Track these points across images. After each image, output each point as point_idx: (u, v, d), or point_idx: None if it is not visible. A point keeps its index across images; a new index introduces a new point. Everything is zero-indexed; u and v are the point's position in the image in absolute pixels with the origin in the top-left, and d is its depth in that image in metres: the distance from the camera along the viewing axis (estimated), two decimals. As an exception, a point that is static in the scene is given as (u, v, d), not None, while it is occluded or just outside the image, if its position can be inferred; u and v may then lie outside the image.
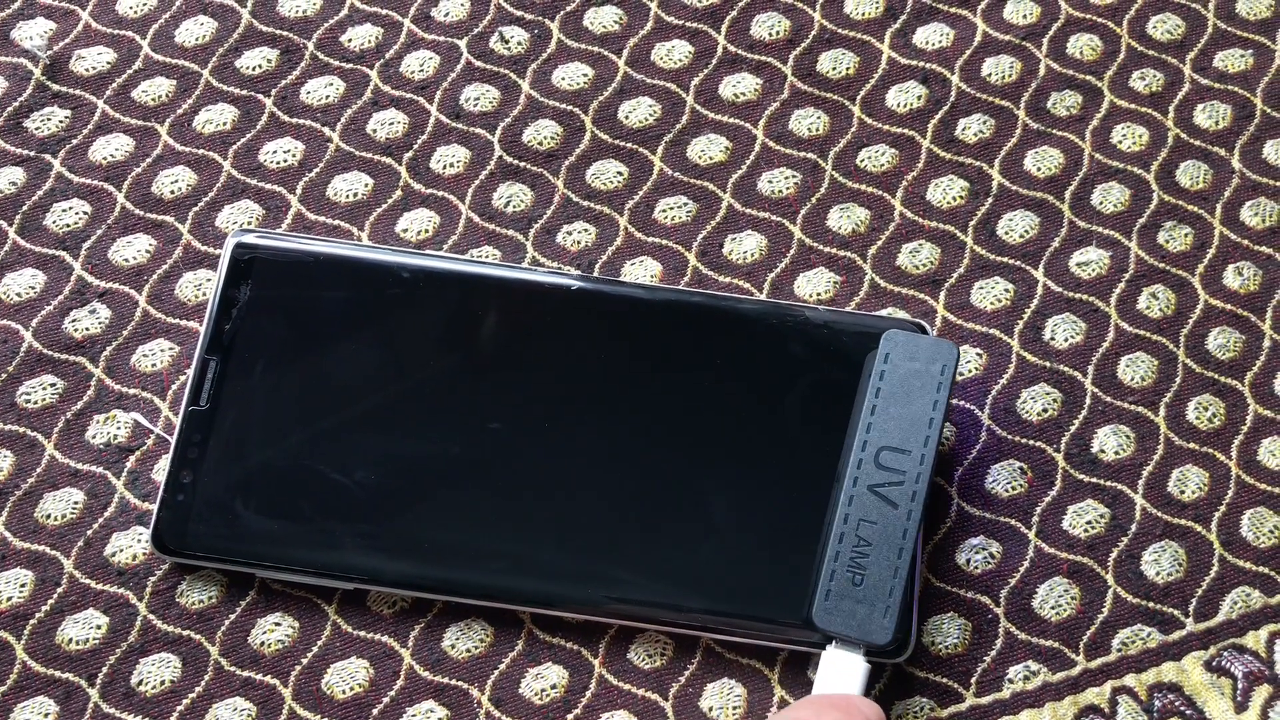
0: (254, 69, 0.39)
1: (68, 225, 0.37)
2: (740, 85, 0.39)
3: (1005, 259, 0.37)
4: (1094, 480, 0.35)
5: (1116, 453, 0.35)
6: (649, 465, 0.34)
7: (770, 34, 0.40)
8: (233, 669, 0.33)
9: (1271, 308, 0.37)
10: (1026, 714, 0.33)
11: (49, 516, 0.34)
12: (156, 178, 0.38)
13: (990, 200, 0.38)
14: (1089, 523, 0.35)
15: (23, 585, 0.34)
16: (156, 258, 0.37)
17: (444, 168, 0.38)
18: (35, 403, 0.35)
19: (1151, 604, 0.34)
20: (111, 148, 0.38)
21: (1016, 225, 0.38)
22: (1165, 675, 0.33)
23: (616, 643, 0.33)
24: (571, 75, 0.39)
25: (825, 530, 0.32)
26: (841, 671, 0.31)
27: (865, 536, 0.31)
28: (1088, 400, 0.36)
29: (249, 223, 0.37)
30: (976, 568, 0.34)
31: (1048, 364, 0.36)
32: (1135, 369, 0.36)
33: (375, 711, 0.33)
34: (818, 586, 0.31)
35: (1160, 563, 0.34)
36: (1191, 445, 0.36)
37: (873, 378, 0.33)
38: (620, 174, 0.38)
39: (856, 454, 0.32)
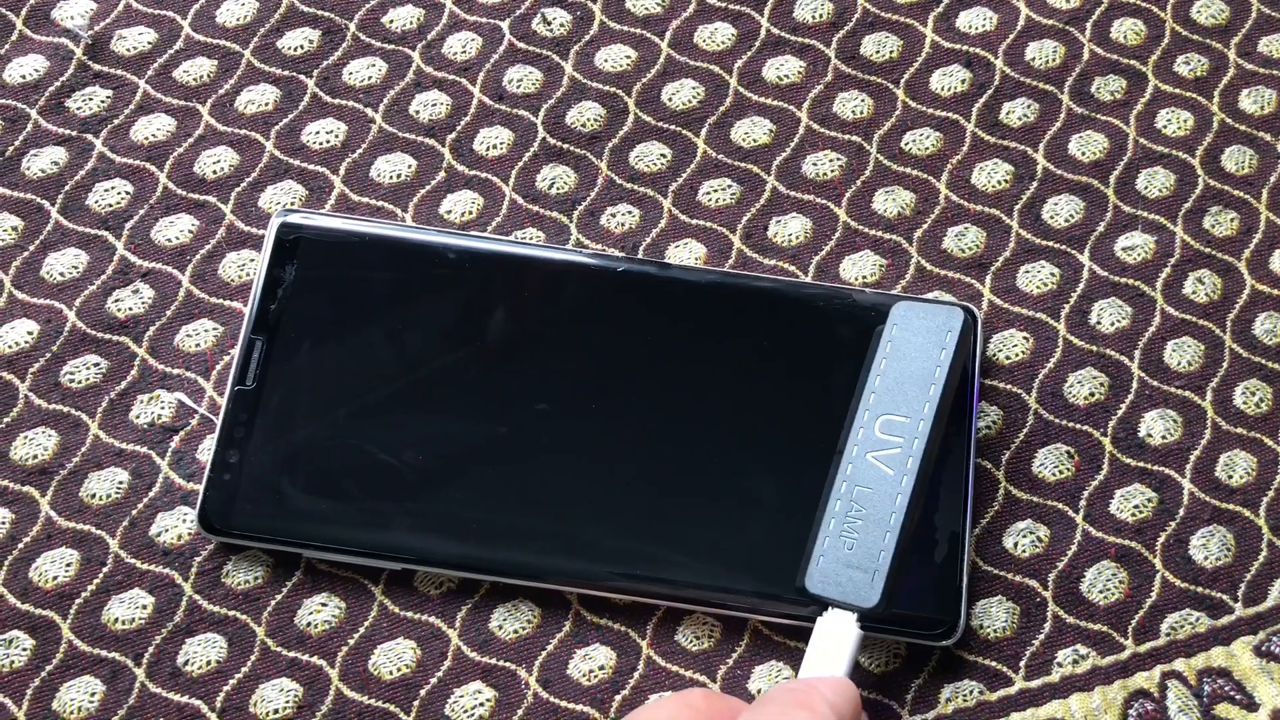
0: (296, 49, 0.39)
1: (110, 205, 0.37)
2: (784, 68, 0.39)
3: (1051, 243, 0.37)
4: (1141, 464, 0.35)
5: (1164, 437, 0.35)
6: (696, 447, 0.33)
7: (814, 17, 0.39)
8: (279, 649, 0.33)
9: (1318, 293, 0.37)
10: (1076, 698, 0.33)
11: (94, 496, 0.34)
12: (199, 158, 0.38)
13: (1035, 184, 0.38)
14: (1136, 507, 0.35)
15: (68, 565, 0.33)
16: (199, 238, 0.37)
17: (487, 149, 0.38)
18: (79, 382, 0.35)
19: (1200, 589, 0.34)
20: (153, 128, 0.38)
21: (1062, 209, 0.37)
22: (1214, 660, 0.33)
23: (664, 624, 0.33)
24: (614, 57, 0.39)
25: (825, 499, 0.31)
26: (834, 638, 0.30)
27: (860, 502, 0.31)
28: (1134, 385, 0.36)
29: (292, 203, 0.37)
30: (1024, 551, 0.34)
31: (1094, 348, 0.36)
32: (1182, 354, 0.36)
33: (422, 692, 0.33)
34: (812, 554, 0.31)
35: (1209, 547, 0.34)
36: (1239, 430, 0.35)
37: (880, 347, 0.32)
38: (664, 156, 0.38)
39: (859, 422, 0.32)
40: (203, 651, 0.33)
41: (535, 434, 0.34)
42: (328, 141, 0.38)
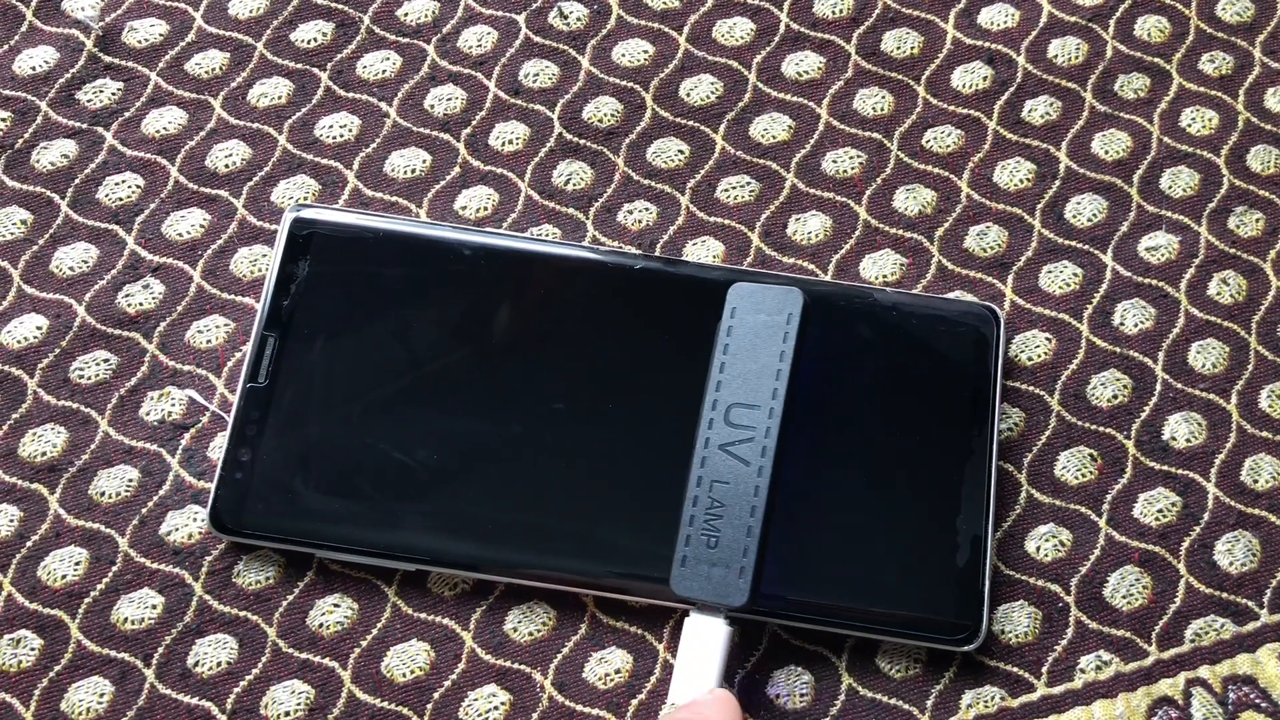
0: (309, 42, 0.38)
1: (120, 199, 0.37)
2: (803, 64, 0.38)
3: (1073, 243, 0.37)
4: (1165, 468, 0.34)
5: (1188, 440, 0.35)
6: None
7: (834, 12, 0.39)
8: (290, 651, 0.32)
9: (1345, 295, 0.36)
10: (1099, 704, 0.32)
11: (103, 494, 0.34)
12: (210, 152, 0.37)
13: (1058, 183, 0.37)
14: (1160, 511, 0.34)
15: (77, 564, 0.33)
16: (211, 232, 0.36)
17: (503, 144, 0.37)
18: (89, 378, 0.35)
19: (1225, 594, 0.33)
20: (164, 121, 0.37)
21: (1085, 209, 0.37)
22: (1240, 667, 0.33)
23: (681, 627, 0.33)
24: (632, 52, 0.38)
25: (683, 496, 0.31)
26: (703, 638, 0.30)
27: (718, 497, 0.30)
28: (1158, 387, 0.35)
29: (305, 198, 0.37)
30: (1046, 555, 0.34)
31: (1117, 350, 0.36)
32: (1206, 356, 0.36)
33: (436, 695, 0.32)
34: (674, 554, 0.30)
35: (1234, 553, 0.34)
36: (1265, 433, 0.35)
37: (720, 334, 0.32)
38: (682, 152, 0.37)
39: (707, 413, 0.31)
40: (213, 652, 0.32)
41: (551, 433, 0.33)
42: (341, 136, 0.37)
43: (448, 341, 0.34)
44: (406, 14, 0.39)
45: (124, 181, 0.37)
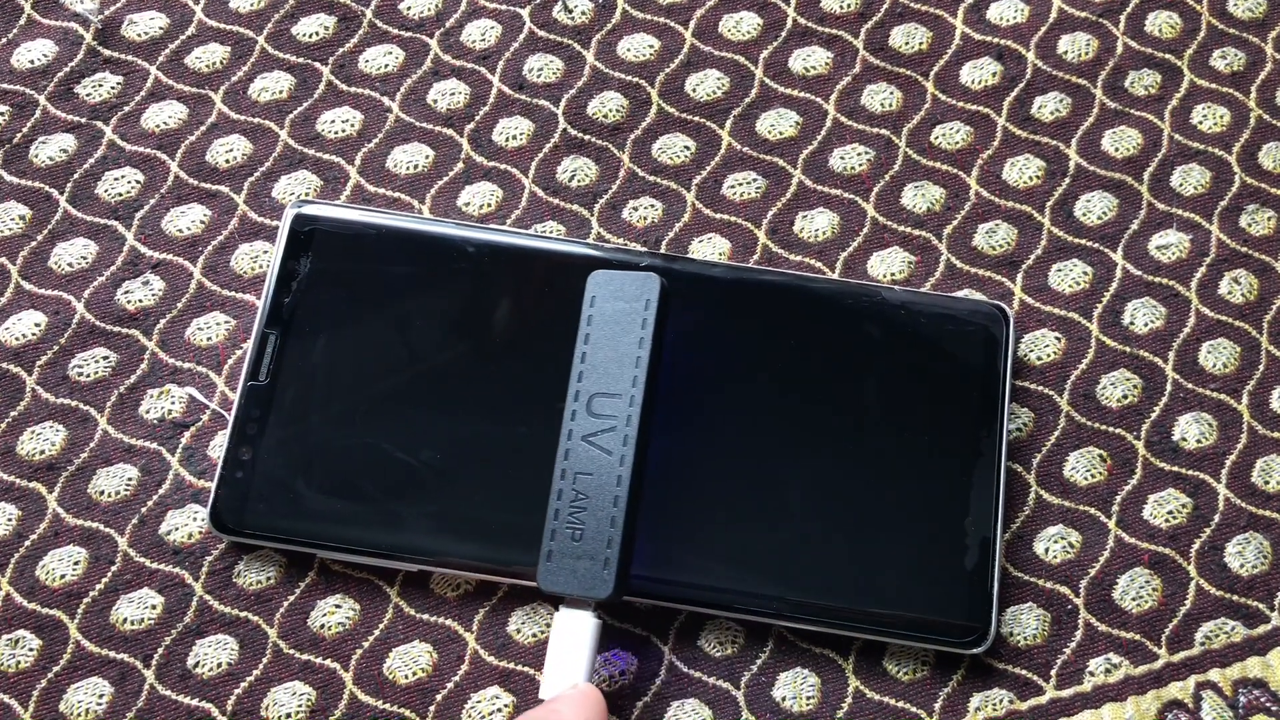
0: (311, 36, 0.38)
1: (120, 194, 0.36)
2: (811, 59, 0.38)
3: (1083, 241, 0.36)
4: (1176, 469, 0.34)
5: (1198, 441, 0.34)
6: (719, 446, 0.33)
7: (841, 7, 0.39)
8: (291, 652, 0.32)
9: (1358, 294, 0.36)
10: (1109, 708, 0.32)
11: (102, 493, 0.33)
12: (211, 146, 0.37)
13: (1067, 181, 0.37)
14: (1170, 512, 0.34)
15: (76, 563, 0.33)
16: (211, 228, 0.36)
17: (506, 140, 0.37)
18: (88, 376, 0.34)
19: (1235, 597, 0.33)
20: (164, 115, 0.37)
21: (1094, 206, 0.37)
22: (1250, 670, 0.32)
23: (686, 629, 0.32)
24: (637, 46, 0.38)
25: (550, 490, 0.30)
26: (572, 632, 0.30)
27: (582, 489, 0.30)
28: (1169, 387, 0.35)
29: (307, 194, 0.36)
30: (1055, 557, 0.33)
31: (1127, 349, 0.35)
32: (1217, 355, 0.35)
33: (439, 697, 0.32)
34: (541, 549, 0.30)
35: (1244, 555, 0.33)
36: (1276, 435, 0.35)
37: (581, 323, 0.31)
38: (687, 148, 0.37)
39: (570, 405, 0.31)
40: (213, 653, 0.32)
41: (554, 432, 0.33)
42: (343, 131, 0.37)
43: (450, 339, 0.33)
44: (409, 8, 0.38)
45: (123, 177, 0.36)
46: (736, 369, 0.33)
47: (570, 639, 0.30)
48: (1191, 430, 0.35)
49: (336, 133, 0.37)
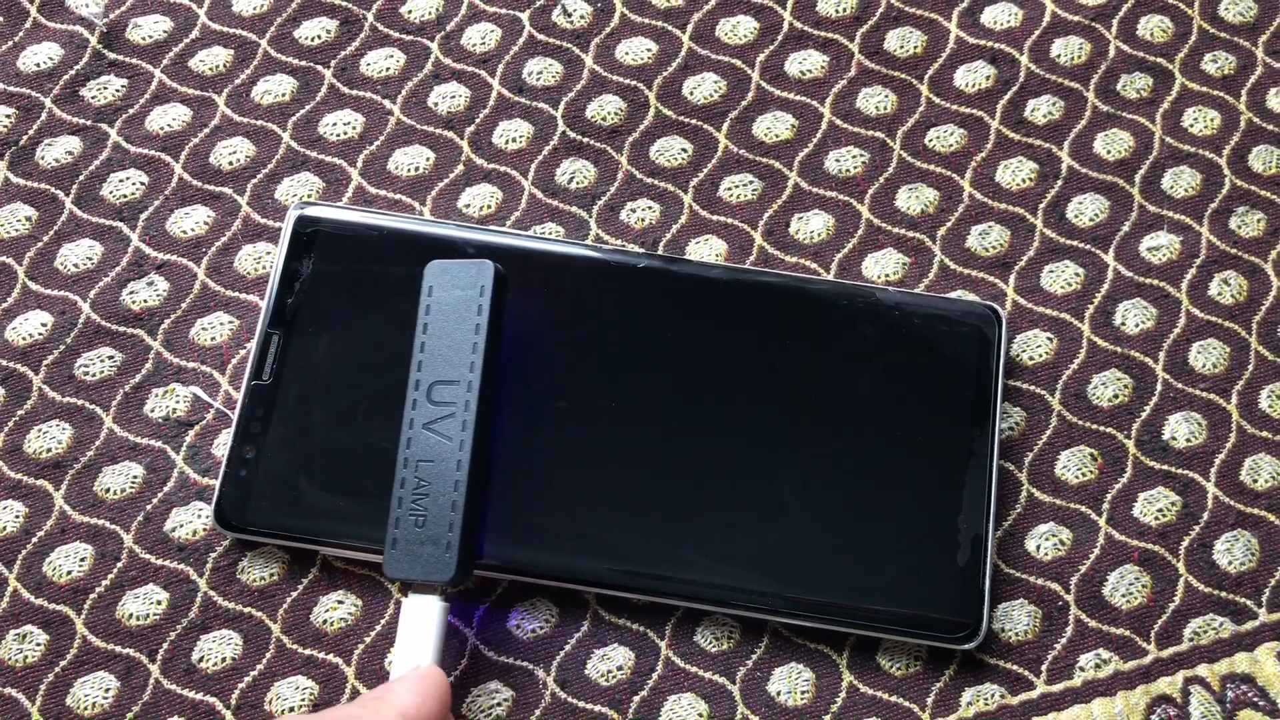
0: (313, 39, 0.38)
1: (125, 196, 0.37)
2: (806, 62, 0.38)
3: (1075, 242, 0.37)
4: (1165, 467, 0.35)
5: (1188, 440, 0.35)
6: (716, 445, 0.33)
7: (837, 11, 0.39)
8: (294, 647, 0.33)
9: (1346, 295, 0.36)
10: (1098, 702, 0.33)
11: (108, 490, 0.34)
12: (214, 149, 0.37)
13: (1060, 183, 0.37)
14: (1160, 510, 0.34)
15: (82, 559, 0.33)
16: (215, 229, 0.36)
17: (506, 142, 0.37)
18: (93, 375, 0.35)
19: (1224, 593, 0.34)
20: (169, 118, 0.37)
21: (1086, 208, 0.37)
22: (1238, 666, 0.33)
23: (683, 625, 0.33)
24: (635, 50, 0.38)
25: (394, 479, 0.31)
26: (420, 616, 0.30)
27: (424, 477, 0.30)
28: (1159, 387, 0.35)
29: (309, 195, 0.37)
30: (1046, 554, 0.34)
31: (1118, 350, 0.36)
32: (1207, 356, 0.36)
33: (439, 691, 0.32)
34: (387, 537, 0.30)
35: (1233, 552, 0.34)
36: (1265, 433, 0.35)
37: (419, 313, 0.32)
38: (685, 151, 0.37)
39: (411, 394, 0.31)
40: (218, 648, 0.33)
41: (552, 431, 0.33)
42: (345, 133, 0.37)
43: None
44: (410, 11, 0.39)
45: (128, 178, 0.37)
46: (732, 369, 0.34)
47: (418, 623, 0.30)
48: (1181, 429, 0.35)
49: (338, 135, 0.37)
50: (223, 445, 0.34)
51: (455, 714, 0.32)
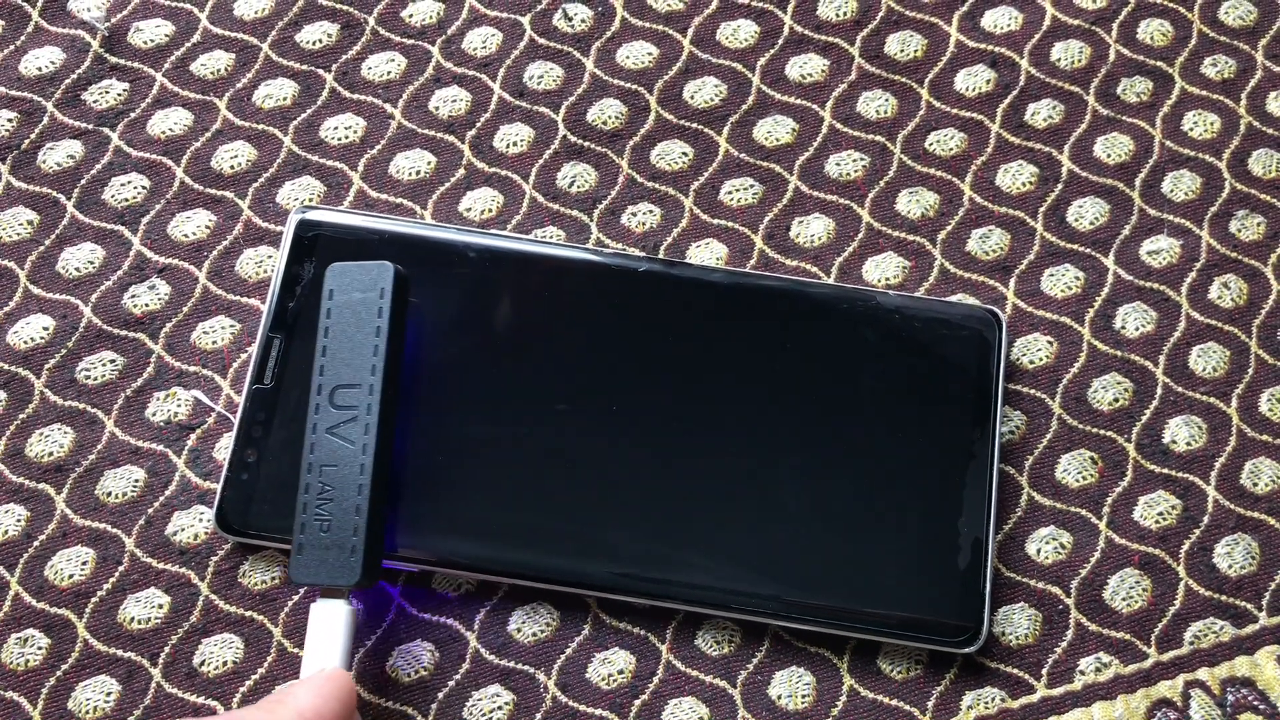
0: (314, 43, 0.38)
1: (126, 200, 0.37)
2: (807, 66, 0.38)
3: (1075, 246, 0.37)
4: (1166, 471, 0.35)
5: (1188, 444, 0.35)
6: (718, 448, 0.33)
7: (837, 15, 0.39)
8: (295, 651, 0.33)
9: (1346, 299, 0.37)
10: (1099, 706, 0.33)
11: (110, 494, 0.34)
12: (216, 153, 0.37)
13: (1060, 186, 0.37)
14: (1160, 514, 0.34)
15: (84, 563, 0.33)
16: (216, 233, 0.36)
17: (507, 146, 0.37)
18: (95, 379, 0.35)
19: (1224, 597, 0.34)
20: (170, 122, 0.37)
21: (1087, 212, 0.37)
22: (1238, 669, 0.33)
23: (684, 628, 0.33)
24: (636, 54, 0.38)
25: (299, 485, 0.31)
26: (328, 620, 0.30)
27: (328, 481, 0.31)
28: (1159, 390, 0.35)
29: (310, 199, 0.37)
30: (1047, 558, 0.34)
31: (1119, 353, 0.36)
32: (1207, 359, 0.36)
33: (440, 695, 0.32)
34: (293, 543, 0.30)
35: (1233, 555, 0.34)
36: (1265, 437, 0.35)
37: (320, 317, 0.32)
38: (685, 155, 0.37)
39: (314, 399, 0.31)
40: (219, 652, 0.33)
41: (554, 435, 0.33)
42: (346, 137, 0.37)
43: (450, 342, 0.34)
44: (411, 15, 0.39)
45: (130, 182, 0.37)
46: (733, 372, 0.34)
47: (326, 627, 0.30)
48: (1181, 433, 0.35)
49: (340, 139, 0.37)
50: (224, 449, 0.34)
51: (456, 718, 0.32)
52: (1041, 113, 0.38)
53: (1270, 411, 0.35)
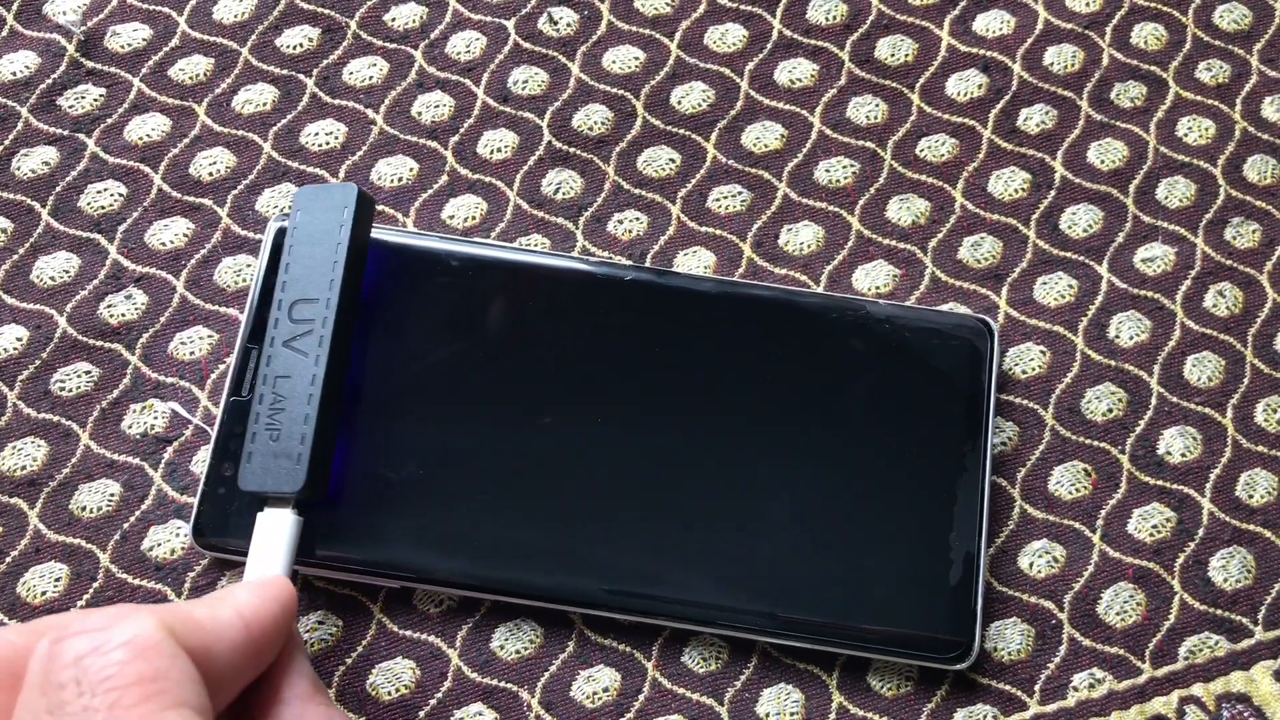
0: (294, 48, 0.38)
1: (103, 207, 0.36)
2: (796, 71, 0.38)
3: (1068, 254, 0.36)
4: (1160, 483, 0.34)
5: (1183, 455, 0.34)
6: (705, 462, 0.33)
7: (827, 18, 0.38)
8: (274, 668, 0.32)
9: (1342, 307, 0.36)
10: (1092, 723, 0.32)
11: (84, 509, 0.33)
12: (194, 159, 0.36)
13: (1053, 193, 0.37)
14: (1155, 527, 0.34)
15: (57, 580, 0.33)
16: (194, 242, 0.36)
17: (491, 152, 0.37)
18: (70, 391, 0.34)
19: (1219, 611, 0.33)
20: (148, 128, 0.37)
21: (1080, 219, 0.37)
22: (1234, 685, 0.32)
23: (670, 645, 0.32)
24: (622, 58, 0.38)
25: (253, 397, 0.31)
26: (272, 529, 0.30)
27: (281, 392, 0.31)
28: (1153, 401, 0.35)
29: (290, 207, 0.36)
30: (1040, 572, 0.33)
31: (1112, 363, 0.35)
32: (1202, 369, 0.35)
33: (422, 714, 0.32)
34: (243, 452, 0.30)
35: (1229, 569, 0.33)
36: (1260, 448, 0.35)
37: (287, 236, 0.32)
38: (673, 161, 0.37)
39: (274, 313, 0.32)
40: (196, 670, 0.32)
41: (539, 448, 0.33)
42: (327, 143, 0.37)
43: (434, 354, 0.33)
44: (394, 19, 0.38)
45: (106, 189, 0.36)
46: (721, 383, 0.33)
47: (271, 536, 0.30)
48: (1176, 444, 0.35)
49: (320, 145, 0.37)
50: (201, 462, 0.33)
51: (438, 736, 0.32)
52: (1034, 118, 0.38)
53: (1266, 422, 0.35)
